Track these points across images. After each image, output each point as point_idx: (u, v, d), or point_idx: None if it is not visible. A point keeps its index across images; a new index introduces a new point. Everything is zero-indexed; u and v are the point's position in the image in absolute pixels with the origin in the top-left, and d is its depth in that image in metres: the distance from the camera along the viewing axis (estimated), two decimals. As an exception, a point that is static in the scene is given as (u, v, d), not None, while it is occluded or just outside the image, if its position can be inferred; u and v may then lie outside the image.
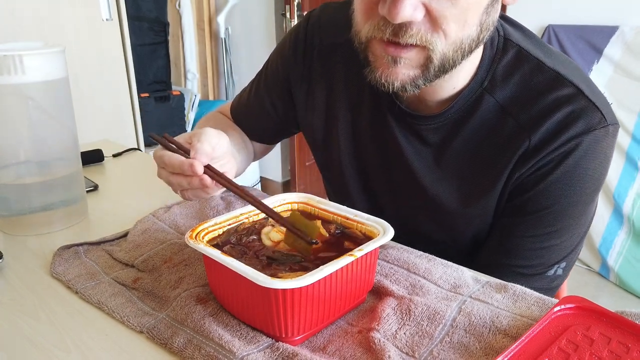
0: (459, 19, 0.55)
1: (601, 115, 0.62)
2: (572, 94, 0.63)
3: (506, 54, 0.66)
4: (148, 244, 0.67)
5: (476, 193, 0.69)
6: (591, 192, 0.65)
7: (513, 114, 0.65)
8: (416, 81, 0.59)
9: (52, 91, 0.72)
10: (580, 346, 0.45)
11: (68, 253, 0.66)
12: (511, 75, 0.65)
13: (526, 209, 0.66)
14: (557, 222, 0.66)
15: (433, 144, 0.70)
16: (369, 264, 0.53)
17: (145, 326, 0.51)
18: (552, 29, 2.02)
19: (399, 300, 0.54)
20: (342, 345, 0.48)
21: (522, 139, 0.64)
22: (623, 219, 1.97)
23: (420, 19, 0.54)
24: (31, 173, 0.74)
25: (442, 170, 0.70)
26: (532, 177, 0.65)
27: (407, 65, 0.58)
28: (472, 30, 0.57)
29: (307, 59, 0.80)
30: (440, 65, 0.58)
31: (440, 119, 0.68)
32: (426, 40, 0.56)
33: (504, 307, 0.53)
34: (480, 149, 0.67)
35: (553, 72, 0.64)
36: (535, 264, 0.68)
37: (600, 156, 0.63)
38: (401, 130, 0.72)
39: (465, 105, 0.67)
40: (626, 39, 1.88)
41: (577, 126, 0.61)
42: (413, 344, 0.48)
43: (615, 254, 2.00)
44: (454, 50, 0.58)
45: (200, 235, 0.54)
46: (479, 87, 0.66)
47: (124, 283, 0.59)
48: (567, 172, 0.63)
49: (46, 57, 0.69)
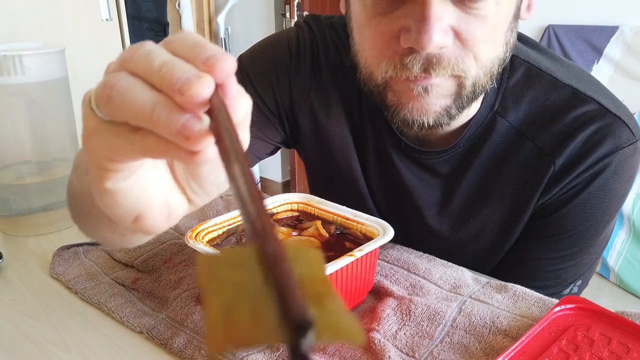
0: (490, 39, 0.50)
1: (629, 130, 0.57)
2: (594, 110, 0.58)
3: (515, 72, 0.61)
4: (148, 244, 0.67)
5: (496, 224, 0.64)
6: (615, 211, 0.62)
7: (530, 136, 0.60)
8: (450, 111, 0.53)
9: (52, 91, 0.72)
10: (580, 347, 0.45)
11: (68, 253, 0.66)
12: (523, 95, 0.60)
13: (546, 232, 0.62)
14: (577, 244, 0.62)
15: (444, 176, 0.64)
16: (369, 264, 0.53)
17: (145, 327, 0.51)
18: (552, 29, 2.02)
19: (399, 300, 0.54)
20: (342, 345, 0.48)
21: (546, 164, 0.59)
22: (623, 219, 1.97)
23: (450, 44, 0.49)
24: (31, 173, 0.74)
25: (454, 204, 0.65)
26: (557, 201, 0.60)
27: (439, 95, 0.52)
28: (499, 51, 0.52)
29: (315, 75, 0.69)
30: (472, 91, 0.53)
31: (450, 151, 0.62)
32: (458, 67, 0.50)
33: (504, 308, 0.53)
34: (496, 178, 0.62)
35: (569, 89, 0.59)
36: (551, 284, 0.65)
37: (628, 174, 0.59)
38: (406, 166, 0.66)
39: (477, 132, 0.61)
40: (626, 39, 1.88)
41: (604, 146, 0.57)
42: (413, 345, 0.48)
43: (615, 255, 2.00)
44: (484, 74, 0.52)
45: (200, 236, 0.54)
46: (489, 110, 0.61)
47: (123, 283, 0.59)
48: (593, 194, 0.59)
49: (46, 57, 0.69)
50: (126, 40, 1.95)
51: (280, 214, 0.63)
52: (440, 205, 0.66)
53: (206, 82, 0.25)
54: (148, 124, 0.26)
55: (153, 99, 0.25)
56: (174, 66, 0.25)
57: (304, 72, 0.69)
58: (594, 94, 0.59)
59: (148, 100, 0.25)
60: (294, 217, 0.62)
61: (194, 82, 0.24)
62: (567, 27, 2.00)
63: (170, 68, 0.25)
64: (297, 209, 0.64)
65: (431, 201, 0.66)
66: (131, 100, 0.25)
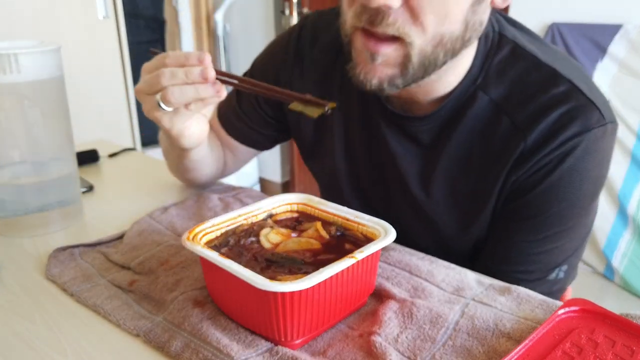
0: (439, 12, 0.53)
1: (599, 113, 0.59)
2: (568, 91, 0.60)
3: (501, 49, 0.64)
4: (144, 245, 0.66)
5: (470, 197, 0.67)
6: (590, 194, 0.63)
7: (508, 112, 0.62)
8: (394, 81, 0.57)
9: (48, 90, 0.71)
10: (584, 349, 0.45)
11: (63, 255, 0.65)
12: (506, 71, 0.63)
13: (523, 214, 0.64)
14: (555, 225, 0.64)
15: (425, 145, 0.68)
16: (370, 266, 0.52)
17: (141, 329, 0.50)
18: (556, 27, 2.01)
19: (400, 303, 0.53)
20: (343, 349, 0.48)
21: (518, 140, 0.61)
22: (628, 220, 1.96)
23: (397, 6, 0.52)
24: (26, 173, 0.73)
25: (435, 173, 0.68)
26: (529, 180, 0.62)
27: (385, 63, 0.56)
28: (454, 27, 0.55)
29: (298, 64, 0.77)
30: (420, 63, 0.56)
31: (431, 119, 0.66)
32: (404, 32, 0.53)
33: (508, 310, 0.52)
34: (474, 150, 0.65)
35: (550, 69, 0.62)
36: (534, 268, 0.66)
37: (599, 156, 0.61)
38: (392, 134, 0.69)
39: (458, 103, 0.64)
40: (630, 37, 1.87)
41: (574, 126, 0.59)
42: (415, 348, 0.47)
43: (620, 256, 1.99)
44: (433, 46, 0.55)
45: (197, 237, 0.53)
46: (472, 84, 0.64)
47: (120, 285, 0.58)
48: (564, 174, 0.60)
49: (42, 55, 0.68)
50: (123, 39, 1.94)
51: (280, 214, 0.62)
52: (422, 174, 0.69)
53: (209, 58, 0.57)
54: (196, 93, 0.57)
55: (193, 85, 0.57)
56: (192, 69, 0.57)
57: (290, 63, 0.78)
58: (573, 78, 0.61)
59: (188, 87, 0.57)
60: (293, 218, 0.61)
61: (206, 57, 0.57)
62: (571, 25, 1.99)
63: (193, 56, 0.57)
64: (297, 209, 0.63)
65: (414, 170, 0.69)
66: (183, 92, 0.57)
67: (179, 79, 0.56)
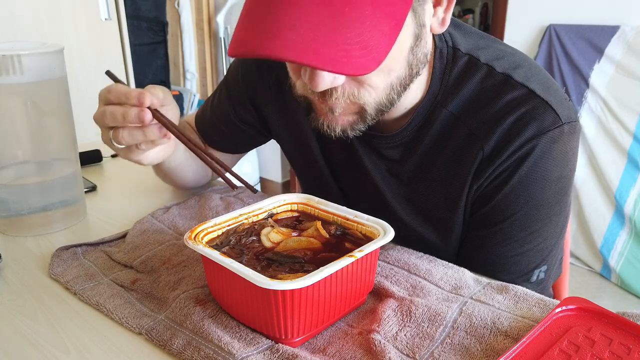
0: (382, 70, 0.53)
1: (555, 114, 0.60)
2: (521, 96, 0.61)
3: (456, 64, 0.64)
4: (147, 244, 0.67)
5: (442, 209, 0.68)
6: (555, 194, 0.63)
7: (467, 123, 0.63)
8: (356, 126, 0.60)
9: (51, 91, 0.71)
10: (581, 347, 0.45)
11: (66, 254, 0.66)
12: (463, 84, 0.64)
13: (491, 220, 0.65)
14: (525, 228, 0.64)
15: (395, 161, 0.70)
16: (370, 265, 0.52)
17: (144, 328, 0.51)
18: (554, 28, 2.02)
19: (399, 301, 0.53)
20: (342, 346, 0.48)
21: (477, 149, 0.62)
22: (624, 220, 1.97)
23: (341, 82, 0.54)
24: (30, 173, 0.74)
25: (407, 188, 0.70)
26: (491, 187, 0.63)
27: (345, 113, 0.58)
28: (400, 72, 0.57)
29: (272, 70, 0.77)
30: (377, 110, 0.59)
31: (397, 137, 0.68)
32: (354, 96, 0.56)
33: (505, 309, 0.53)
34: (439, 162, 0.66)
35: (502, 76, 0.62)
36: (513, 271, 0.66)
37: (558, 157, 0.61)
38: (365, 152, 0.71)
39: (422, 120, 0.66)
40: (627, 39, 1.88)
41: (528, 129, 0.59)
42: (414, 346, 0.47)
43: (616, 255, 2.00)
44: (386, 95, 0.58)
45: (199, 236, 0.53)
46: (433, 101, 0.65)
47: (122, 284, 0.59)
48: (523, 178, 0.61)
49: (45, 57, 0.69)
50: (125, 40, 1.94)
51: (280, 214, 0.62)
52: (395, 190, 0.71)
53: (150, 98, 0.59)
54: (143, 136, 0.60)
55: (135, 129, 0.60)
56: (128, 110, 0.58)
57: (263, 69, 0.79)
58: (526, 81, 0.62)
59: (136, 130, 0.60)
60: (293, 218, 0.62)
61: (145, 97, 0.58)
62: (568, 27, 2.00)
63: (133, 95, 0.58)
64: (297, 209, 0.63)
65: (388, 185, 0.72)
66: (131, 135, 0.60)
67: (118, 122, 0.58)
